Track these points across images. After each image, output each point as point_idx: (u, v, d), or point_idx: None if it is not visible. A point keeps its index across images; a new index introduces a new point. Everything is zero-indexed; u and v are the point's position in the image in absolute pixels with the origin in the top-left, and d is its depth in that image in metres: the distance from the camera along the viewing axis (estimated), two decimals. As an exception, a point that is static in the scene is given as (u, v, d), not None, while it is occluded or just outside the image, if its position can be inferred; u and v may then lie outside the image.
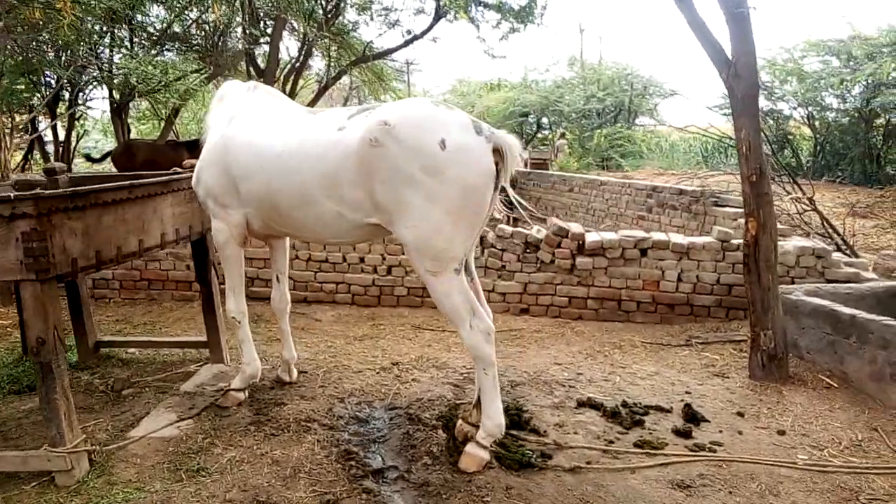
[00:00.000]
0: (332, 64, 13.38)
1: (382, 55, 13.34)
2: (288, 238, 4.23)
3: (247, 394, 3.96)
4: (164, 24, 13.02)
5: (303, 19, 11.32)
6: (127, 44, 12.63)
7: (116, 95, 13.58)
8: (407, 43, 12.94)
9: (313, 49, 12.45)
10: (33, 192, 2.88)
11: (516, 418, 3.76)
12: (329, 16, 12.11)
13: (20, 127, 15.82)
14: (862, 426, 3.94)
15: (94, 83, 13.06)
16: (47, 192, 3.00)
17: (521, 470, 3.27)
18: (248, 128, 3.66)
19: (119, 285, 6.75)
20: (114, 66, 11.33)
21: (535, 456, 3.37)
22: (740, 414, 4.09)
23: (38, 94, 13.96)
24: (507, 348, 5.38)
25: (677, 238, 6.07)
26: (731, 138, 9.22)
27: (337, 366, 4.69)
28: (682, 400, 4.23)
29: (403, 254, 6.38)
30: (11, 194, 2.85)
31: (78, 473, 3.09)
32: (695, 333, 5.77)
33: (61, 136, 15.61)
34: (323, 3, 12.08)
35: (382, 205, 3.13)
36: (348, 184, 3.19)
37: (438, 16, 12.12)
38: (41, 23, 6.29)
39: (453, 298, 3.12)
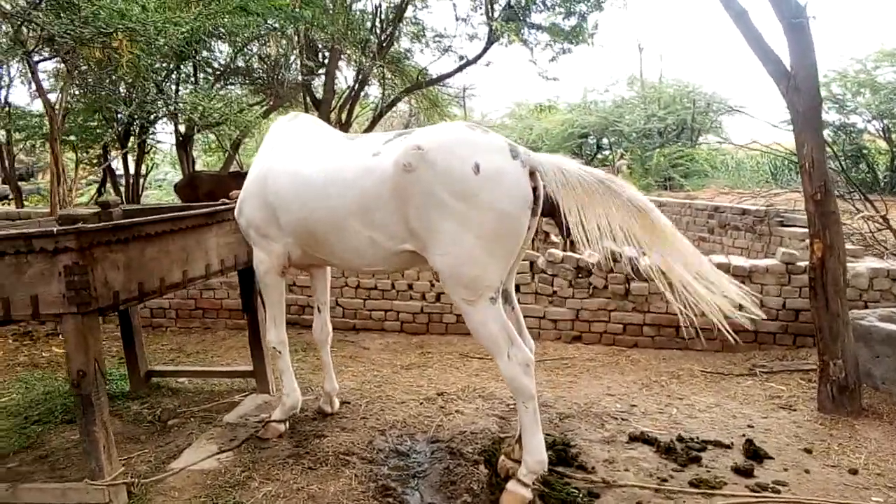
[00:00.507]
0: (387, 91, 13.54)
1: (436, 81, 13.43)
2: (329, 267, 4.21)
3: (287, 425, 3.92)
4: (228, 59, 13.49)
5: (357, 49, 11.53)
6: (192, 79, 13.13)
7: (182, 129, 14.13)
8: (460, 68, 12.99)
9: (368, 77, 12.62)
10: (75, 226, 2.93)
11: (563, 454, 3.59)
12: (383, 44, 12.29)
13: (94, 161, 16.64)
14: (945, 464, 3.60)
15: (162, 118, 13.62)
16: (89, 225, 3.05)
17: (565, 510, 3.10)
18: (287, 157, 3.67)
19: (175, 314, 6.90)
20: (178, 101, 11.78)
21: (580, 495, 3.20)
22: (808, 450, 3.80)
23: (111, 130, 14.65)
24: (558, 378, 5.20)
25: (738, 261, 5.77)
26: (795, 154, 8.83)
27: (381, 396, 4.62)
28: (744, 434, 3.97)
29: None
30: (55, 229, 2.91)
31: (116, 506, 3.09)
32: (759, 362, 5.45)
33: (133, 168, 16.33)
34: (378, 31, 12.28)
35: (416, 231, 3.06)
36: (382, 210, 3.14)
37: (491, 41, 12.14)
38: (103, 62, 6.60)
39: (489, 328, 3.00)
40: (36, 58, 7.43)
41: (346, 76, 14.48)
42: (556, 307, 6.10)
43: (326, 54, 12.57)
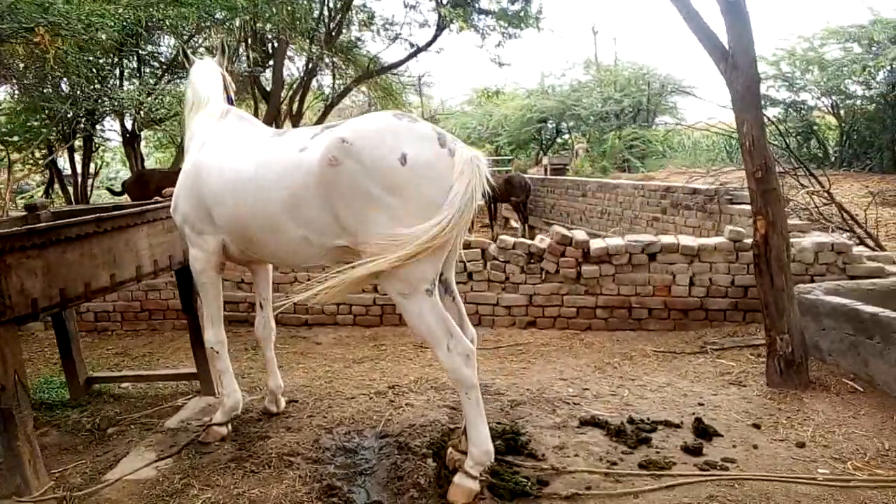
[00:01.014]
0: (338, 81, 13.35)
1: (387, 69, 13.26)
2: (270, 265, 4.09)
3: (230, 428, 3.80)
4: (174, 52, 13.11)
5: (305, 39, 11.30)
6: (137, 74, 12.73)
7: (128, 125, 13.71)
8: (411, 56, 12.85)
9: (318, 67, 12.40)
10: (-18, 232, 2.77)
11: (513, 442, 3.54)
12: (332, 33, 12.07)
13: (39, 161, 16.09)
14: (889, 433, 3.65)
15: (107, 115, 13.19)
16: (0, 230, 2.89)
17: (515, 499, 3.05)
18: (217, 153, 3.55)
19: (120, 317, 6.68)
20: (121, 98, 11.40)
21: (530, 483, 3.14)
22: (756, 426, 3.82)
23: (55, 129, 14.14)
24: (511, 364, 5.16)
25: (687, 240, 5.81)
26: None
27: (331, 392, 4.52)
28: (694, 413, 3.98)
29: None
30: (-40, 235, 2.75)
31: (47, 523, 2.95)
32: (710, 339, 5.49)
33: (80, 168, 15.83)
34: (326, 20, 12.04)
35: (348, 226, 2.96)
36: (311, 206, 3.04)
37: (441, 27, 12.02)
38: (30, 58, 6.32)
39: (427, 320, 2.93)
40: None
41: (297, 67, 14.25)
42: (510, 293, 6.07)
43: (276, 45, 12.30)
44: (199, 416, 4.08)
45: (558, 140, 27.18)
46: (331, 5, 12.12)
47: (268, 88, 12.45)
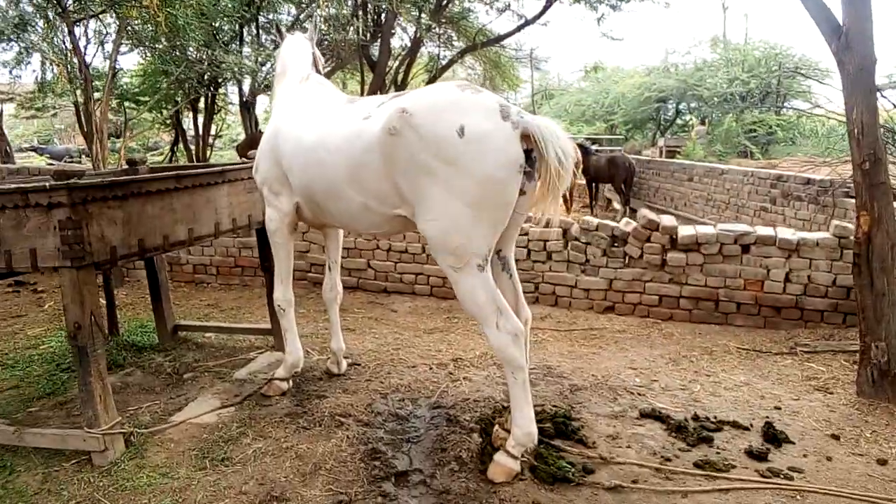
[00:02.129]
0: (443, 52, 13.36)
1: (494, 41, 13.07)
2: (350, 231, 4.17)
3: (290, 383, 3.94)
4: (292, 21, 13.57)
5: (414, 9, 11.34)
6: (256, 41, 13.27)
7: (245, 90, 14.37)
8: (519, 28, 12.60)
9: (423, 38, 12.44)
10: (67, 181, 2.97)
11: (563, 427, 3.46)
12: (443, 3, 12.01)
13: (167, 122, 17.23)
14: None
15: (228, 80, 13.88)
16: (82, 181, 3.09)
17: (555, 484, 2.99)
18: (293, 120, 3.65)
19: (216, 271, 7.07)
20: (239, 64, 11.95)
21: (574, 470, 3.07)
22: (835, 437, 3.53)
23: (181, 92, 15.05)
24: (581, 349, 5.03)
25: (785, 233, 5.40)
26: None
27: (394, 359, 4.58)
28: (767, 416, 3.73)
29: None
30: (48, 184, 2.96)
31: (112, 455, 3.18)
32: (802, 341, 5.11)
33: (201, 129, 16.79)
34: (436, -11, 12.00)
35: (406, 197, 2.96)
36: (371, 175, 3.05)
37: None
38: (148, 22, 6.74)
39: (477, 296, 2.88)
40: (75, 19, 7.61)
41: (407, 36, 14.34)
42: (589, 276, 5.89)
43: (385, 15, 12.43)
44: (266, 370, 4.26)
45: (678, 121, 25.92)
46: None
47: (375, 59, 12.64)
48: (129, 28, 8.17)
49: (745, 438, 3.49)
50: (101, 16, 7.75)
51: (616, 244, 5.77)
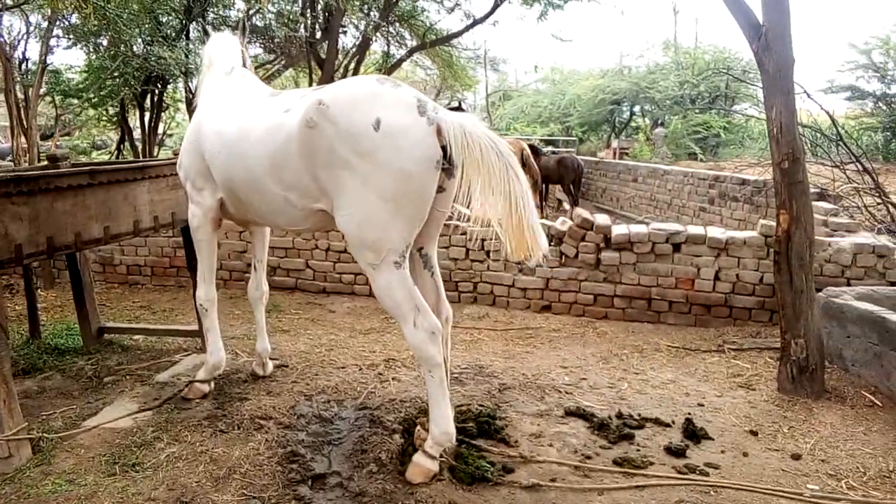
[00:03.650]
0: (394, 51, 13.30)
1: (443, 41, 13.06)
2: (267, 228, 4.09)
3: (212, 386, 3.85)
4: (240, 17, 13.31)
5: (362, 8, 11.27)
6: (203, 39, 12.99)
7: (192, 87, 14.05)
8: (468, 27, 12.63)
9: (372, 36, 12.36)
10: (-35, 176, 2.84)
11: (486, 426, 3.46)
12: (391, 1, 11.94)
13: (112, 119, 16.73)
14: (898, 454, 3.38)
15: (173, 77, 13.56)
16: (-17, 176, 2.96)
17: (474, 484, 2.97)
18: (217, 112, 3.56)
19: (150, 272, 6.87)
20: (185, 60, 11.69)
21: (493, 470, 3.06)
22: (753, 432, 3.61)
23: (126, 88, 14.64)
24: (516, 348, 5.04)
25: (715, 232, 5.51)
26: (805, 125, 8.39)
27: (324, 360, 4.52)
28: (689, 413, 3.79)
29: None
30: (-57, 179, 2.83)
31: (17, 461, 3.05)
32: (730, 339, 5.22)
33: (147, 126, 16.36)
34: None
35: (326, 191, 2.92)
36: (291, 168, 3.00)
37: (498, -2, 11.71)
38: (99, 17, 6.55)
39: (394, 293, 2.86)
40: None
41: (354, 36, 14.20)
42: (526, 275, 5.92)
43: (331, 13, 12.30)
44: (190, 373, 4.15)
45: (632, 124, 26.32)
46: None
47: (322, 56, 12.50)
48: (64, 22, 7.92)
49: (666, 435, 3.54)
50: (37, 9, 7.48)
51: (552, 243, 5.81)
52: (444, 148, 2.78)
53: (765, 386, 4.32)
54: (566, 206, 16.84)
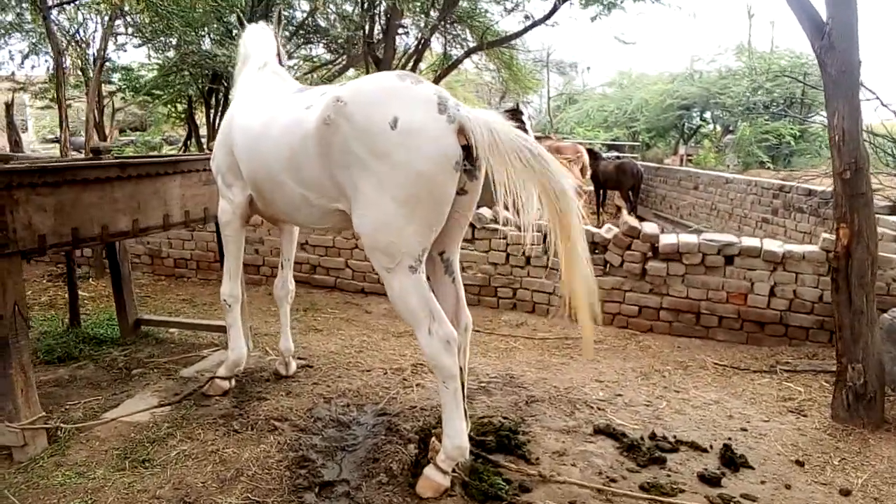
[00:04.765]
0: (451, 52, 13.19)
1: (500, 42, 12.84)
2: (296, 226, 4.04)
3: (233, 383, 3.81)
4: (304, 17, 13.51)
5: (418, 11, 11.21)
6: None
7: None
8: (526, 29, 12.37)
9: (430, 37, 12.29)
10: (-11, 165, 2.87)
11: (506, 441, 3.29)
12: (448, 2, 11.83)
13: (181, 116, 17.29)
14: (961, 496, 3.04)
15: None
16: (8, 166, 2.98)
17: (486, 502, 2.82)
18: (245, 109, 3.53)
19: (196, 265, 6.97)
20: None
21: (508, 488, 2.90)
22: (799, 463, 3.32)
23: (193, 87, 15.06)
24: (551, 358, 4.85)
25: (771, 245, 5.16)
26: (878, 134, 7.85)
27: (351, 362, 4.44)
28: (730, 438, 3.52)
29: (462, 248, 6.01)
30: (-31, 168, 2.86)
31: (32, 450, 3.07)
32: (784, 359, 4.88)
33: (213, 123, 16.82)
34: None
35: (344, 190, 2.82)
36: (310, 166, 2.92)
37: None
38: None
39: (408, 299, 2.73)
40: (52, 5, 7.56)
41: (417, 36, 14.17)
42: (568, 283, 5.68)
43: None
44: (215, 369, 4.12)
45: (701, 130, 25.46)
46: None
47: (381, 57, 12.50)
48: (129, 20, 8.17)
49: (702, 461, 3.29)
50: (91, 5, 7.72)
51: (596, 251, 5.57)
52: (465, 148, 2.64)
53: (817, 412, 3.99)
54: (625, 212, 16.44)
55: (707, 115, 24.97)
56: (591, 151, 14.02)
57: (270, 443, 3.21)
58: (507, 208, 2.71)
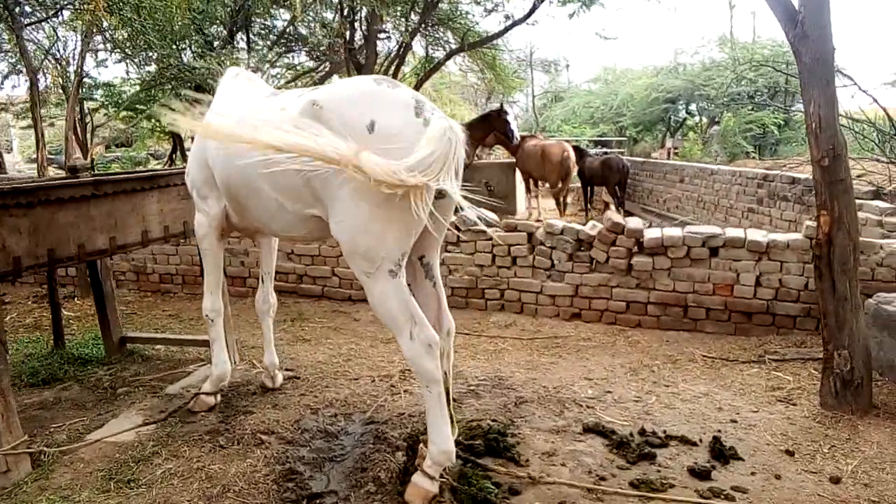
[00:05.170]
0: (432, 54, 13.20)
1: (481, 43, 12.85)
2: (275, 238, 4.00)
3: (219, 398, 3.77)
4: (284, 26, 13.50)
5: (398, 15, 11.22)
6: (246, 47, 13.19)
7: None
8: (507, 29, 12.42)
9: (411, 40, 12.29)
10: (-42, 189, 2.83)
11: (495, 444, 3.27)
12: (430, 3, 11.83)
13: (166, 130, 17.21)
14: (952, 479, 3.05)
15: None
16: (-23, 189, 2.95)
17: (476, 507, 2.80)
18: (219, 115, 3.48)
19: (182, 280, 6.92)
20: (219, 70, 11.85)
21: (497, 492, 2.88)
22: (789, 452, 3.32)
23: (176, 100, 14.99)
24: (540, 358, 4.83)
25: (755, 235, 5.17)
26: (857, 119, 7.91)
27: (338, 371, 4.41)
28: (720, 430, 3.52)
29: (448, 251, 6.00)
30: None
31: (16, 476, 3.03)
32: (772, 348, 4.88)
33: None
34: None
35: (320, 196, 2.80)
36: (285, 172, 2.88)
37: (540, -3, 11.44)
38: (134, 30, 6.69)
39: (389, 304, 2.72)
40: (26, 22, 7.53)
41: (398, 40, 14.17)
42: (555, 282, 5.68)
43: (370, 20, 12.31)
44: (201, 384, 4.08)
45: (687, 122, 25.52)
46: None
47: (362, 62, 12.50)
48: (108, 36, 8.13)
49: (691, 455, 3.29)
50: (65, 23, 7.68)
51: (582, 248, 5.57)
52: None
53: (806, 401, 4.00)
54: (612, 208, 16.46)
55: (692, 107, 25.00)
56: (576, 148, 14.02)
57: (257, 457, 3.18)
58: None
